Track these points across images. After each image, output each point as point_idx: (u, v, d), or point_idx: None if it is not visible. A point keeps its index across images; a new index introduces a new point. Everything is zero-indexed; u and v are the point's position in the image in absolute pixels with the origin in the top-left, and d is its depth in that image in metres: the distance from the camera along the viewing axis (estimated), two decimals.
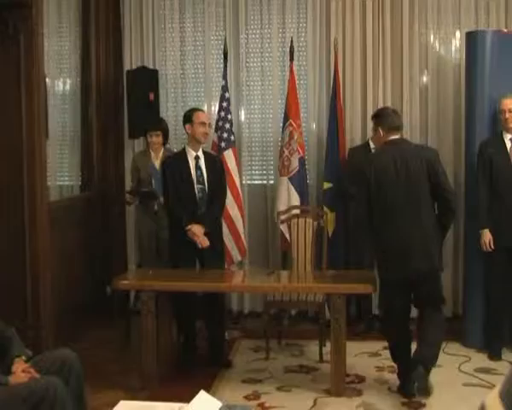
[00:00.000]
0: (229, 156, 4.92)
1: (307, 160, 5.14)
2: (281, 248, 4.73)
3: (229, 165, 4.89)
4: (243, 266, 5.17)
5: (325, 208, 4.87)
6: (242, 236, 4.96)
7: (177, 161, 4.14)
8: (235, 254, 4.89)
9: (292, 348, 4.55)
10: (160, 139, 4.72)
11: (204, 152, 4.25)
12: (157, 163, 4.70)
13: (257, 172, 5.47)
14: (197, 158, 4.15)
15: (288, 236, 4.67)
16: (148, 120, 4.87)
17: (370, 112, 5.05)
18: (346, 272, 4.32)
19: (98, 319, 5.08)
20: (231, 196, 4.84)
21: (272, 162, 5.34)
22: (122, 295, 4.94)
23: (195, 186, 4.09)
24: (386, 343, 4.10)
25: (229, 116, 4.97)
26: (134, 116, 5.15)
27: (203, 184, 4.11)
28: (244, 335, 4.86)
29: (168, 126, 4.93)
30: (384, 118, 3.65)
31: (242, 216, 4.97)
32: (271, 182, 5.34)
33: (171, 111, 5.44)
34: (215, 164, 4.21)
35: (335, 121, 4.95)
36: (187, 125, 4.12)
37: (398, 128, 3.65)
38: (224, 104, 4.96)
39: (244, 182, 5.30)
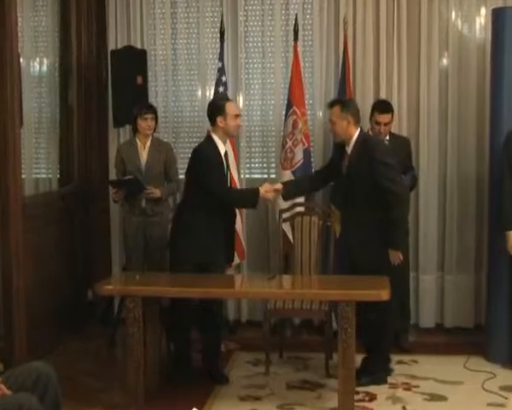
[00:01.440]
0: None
1: (313, 151, 5.14)
2: (283, 250, 4.68)
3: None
4: (241, 270, 5.19)
5: (332, 206, 4.82)
6: (241, 236, 4.96)
7: (215, 154, 4.07)
8: (234, 258, 4.67)
9: (295, 361, 4.54)
10: (153, 124, 4.71)
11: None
12: (144, 154, 4.68)
13: (257, 165, 5.47)
14: (226, 155, 4.15)
15: (290, 236, 4.66)
16: (136, 106, 4.80)
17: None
18: (356, 276, 4.23)
19: (78, 328, 5.10)
20: None
21: (274, 154, 5.34)
22: (105, 301, 4.96)
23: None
24: (400, 357, 4.31)
25: None
26: (119, 102, 5.14)
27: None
28: (242, 347, 4.87)
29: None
30: (355, 108, 4.02)
31: (240, 214, 4.95)
32: (273, 176, 5.32)
33: (161, 96, 5.43)
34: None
35: None
36: (219, 118, 4.04)
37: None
38: (221, 89, 4.97)
39: (242, 176, 5.29)
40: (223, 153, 4.10)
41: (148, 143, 4.71)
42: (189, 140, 5.47)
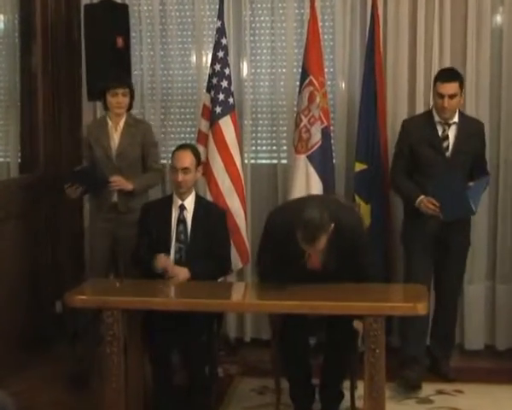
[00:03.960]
0: (226, 126, 4.95)
1: (333, 131, 5.15)
2: None
3: (226, 138, 4.93)
4: (244, 276, 5.21)
5: (357, 198, 4.87)
6: (244, 235, 4.99)
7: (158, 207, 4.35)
8: (235, 261, 4.86)
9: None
10: (127, 101, 4.66)
11: (199, 201, 4.39)
12: (116, 136, 4.63)
13: (264, 147, 5.48)
14: (182, 208, 4.28)
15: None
16: (116, 74, 4.83)
17: (421, 68, 5.11)
18: (386, 284, 4.29)
19: (43, 348, 5.05)
20: (229, 180, 4.92)
21: (285, 135, 5.34)
22: (77, 314, 4.83)
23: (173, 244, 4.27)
24: (441, 386, 4.39)
25: (226, 70, 4.98)
26: (95, 69, 5.11)
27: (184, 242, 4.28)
28: (245, 371, 4.88)
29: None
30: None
31: (244, 209, 4.99)
32: (284, 161, 5.33)
33: (146, 63, 5.43)
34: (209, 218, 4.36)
35: (372, 80, 4.94)
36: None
37: None
38: (220, 54, 4.98)
39: (247, 161, 5.30)
40: (175, 207, 4.30)
41: (122, 124, 4.66)
42: (181, 117, 5.50)
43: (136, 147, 4.65)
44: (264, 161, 5.43)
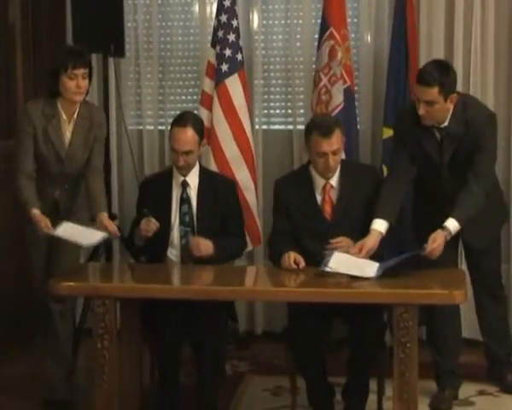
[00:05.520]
0: (234, 86, 4.96)
1: (357, 92, 5.15)
2: None
3: (234, 100, 4.94)
4: (255, 260, 5.25)
5: (385, 170, 4.86)
6: (255, 212, 5.01)
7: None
8: None
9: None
10: (87, 84, 4.26)
11: (203, 174, 4.34)
12: (68, 132, 4.28)
13: (278, 111, 5.49)
14: (185, 185, 4.25)
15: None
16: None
17: (460, 16, 4.98)
18: (418, 269, 4.13)
19: (21, 344, 5.01)
20: (238, 149, 4.95)
21: (302, 96, 5.34)
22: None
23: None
24: (481, 386, 4.43)
25: (233, 22, 4.97)
26: (83, 21, 5.07)
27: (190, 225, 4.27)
28: (256, 368, 4.90)
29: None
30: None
31: (255, 182, 5.02)
32: (300, 127, 5.19)
33: (141, 13, 5.43)
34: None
35: (403, 31, 4.92)
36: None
37: None
38: (227, 3, 4.98)
39: (258, 127, 5.32)
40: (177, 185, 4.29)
41: (75, 115, 4.31)
42: (182, 76, 5.51)
43: (87, 148, 4.29)
44: (277, 127, 5.44)
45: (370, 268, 3.80)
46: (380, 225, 3.97)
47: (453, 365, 4.39)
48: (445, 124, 4.05)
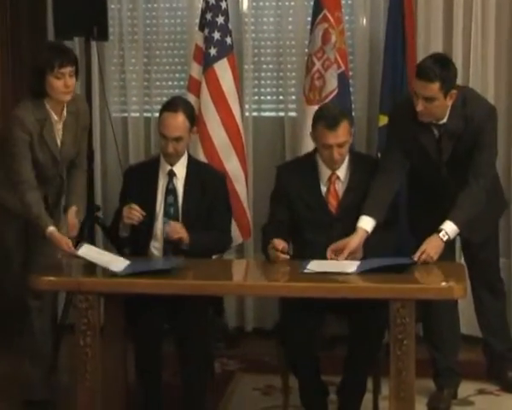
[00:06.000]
0: (223, 71, 4.95)
1: (352, 77, 5.15)
2: None
3: (223, 85, 4.94)
4: (245, 253, 5.25)
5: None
6: (245, 204, 5.01)
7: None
8: (234, 235, 4.80)
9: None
10: (74, 82, 4.22)
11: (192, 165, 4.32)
12: (60, 132, 4.27)
13: (269, 97, 5.50)
14: (171, 175, 4.23)
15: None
16: (88, 8, 4.71)
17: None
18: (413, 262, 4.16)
19: (2, 342, 5.01)
20: (227, 137, 4.94)
21: (294, 82, 5.36)
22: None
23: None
24: (480, 385, 4.43)
25: (222, 4, 4.97)
26: (64, 5, 5.02)
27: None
28: (247, 366, 4.90)
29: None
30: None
31: (245, 171, 5.02)
32: (292, 114, 5.32)
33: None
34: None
35: (400, 14, 4.91)
36: None
37: None
38: None
39: (248, 114, 5.31)
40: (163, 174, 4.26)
41: (64, 113, 4.28)
42: (168, 61, 5.49)
43: (77, 142, 4.33)
44: (268, 114, 5.44)
45: (351, 266, 3.78)
46: (366, 224, 3.94)
47: (451, 362, 4.37)
48: (444, 120, 4.02)
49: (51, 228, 3.99)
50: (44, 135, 4.16)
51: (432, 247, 3.84)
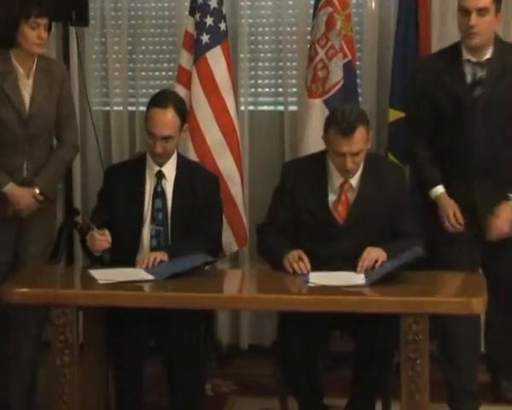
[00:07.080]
0: (216, 60, 4.97)
1: (360, 68, 5.19)
2: None
3: (216, 76, 4.95)
4: (241, 263, 5.29)
5: (390, 156, 4.91)
6: (241, 208, 5.03)
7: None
8: (228, 242, 4.92)
9: None
10: (47, 36, 4.33)
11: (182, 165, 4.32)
12: (28, 88, 4.31)
13: (267, 89, 5.53)
14: (160, 176, 4.23)
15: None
16: None
17: None
18: (430, 273, 4.17)
19: None
20: (220, 133, 4.96)
21: (295, 73, 5.38)
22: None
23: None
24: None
25: None
26: None
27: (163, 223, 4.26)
28: (241, 388, 4.93)
29: None
30: None
31: (240, 171, 5.05)
32: (293, 108, 5.34)
33: None
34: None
35: None
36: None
37: None
38: None
39: (244, 107, 5.34)
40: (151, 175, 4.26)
41: (33, 68, 4.34)
42: (155, 48, 5.50)
43: (51, 104, 4.35)
44: (266, 108, 5.47)
45: (358, 277, 3.76)
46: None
47: (469, 384, 4.33)
48: (488, 55, 4.19)
49: (10, 185, 4.10)
50: (6, 89, 4.22)
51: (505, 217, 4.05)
